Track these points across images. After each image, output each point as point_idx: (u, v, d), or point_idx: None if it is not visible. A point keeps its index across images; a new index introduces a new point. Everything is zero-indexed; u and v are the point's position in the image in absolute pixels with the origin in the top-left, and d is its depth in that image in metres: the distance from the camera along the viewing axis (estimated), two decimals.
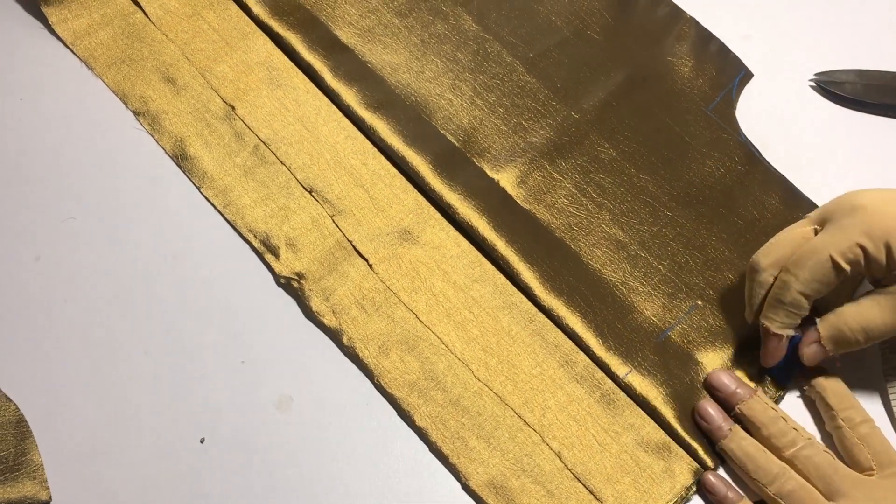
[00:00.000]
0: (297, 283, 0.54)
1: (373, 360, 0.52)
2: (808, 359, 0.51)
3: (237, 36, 0.62)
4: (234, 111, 0.59)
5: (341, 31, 0.64)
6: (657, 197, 0.60)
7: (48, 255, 0.54)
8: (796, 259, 0.50)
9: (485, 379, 0.52)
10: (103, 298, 0.53)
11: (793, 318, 0.51)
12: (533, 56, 0.65)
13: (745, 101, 0.65)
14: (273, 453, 0.50)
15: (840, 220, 0.50)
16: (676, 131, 0.63)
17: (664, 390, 0.53)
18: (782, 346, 0.52)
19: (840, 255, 0.48)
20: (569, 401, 0.52)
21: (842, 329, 0.50)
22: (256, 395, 0.51)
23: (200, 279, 0.54)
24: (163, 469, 0.49)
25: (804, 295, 0.50)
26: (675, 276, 0.57)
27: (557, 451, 0.50)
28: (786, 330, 0.51)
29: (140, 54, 0.60)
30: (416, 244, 0.56)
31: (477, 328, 0.54)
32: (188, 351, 0.52)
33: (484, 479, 0.49)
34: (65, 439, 0.49)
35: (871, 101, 0.65)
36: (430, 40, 0.65)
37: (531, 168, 0.60)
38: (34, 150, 0.57)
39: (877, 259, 0.48)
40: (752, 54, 0.67)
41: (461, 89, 0.63)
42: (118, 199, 0.56)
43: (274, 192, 0.57)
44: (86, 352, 0.51)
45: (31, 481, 0.47)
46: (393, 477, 0.50)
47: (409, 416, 0.51)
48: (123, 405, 0.50)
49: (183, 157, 0.57)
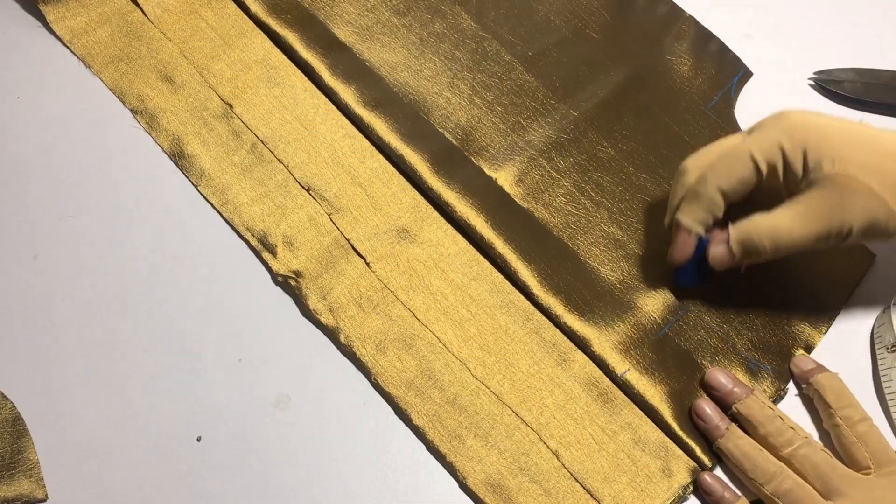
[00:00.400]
0: (294, 282, 0.54)
1: (370, 359, 0.52)
2: (715, 260, 0.52)
3: (235, 34, 0.62)
4: (231, 109, 0.59)
5: (339, 30, 0.64)
6: (655, 195, 0.60)
7: (46, 253, 0.54)
8: (719, 156, 0.51)
9: (482, 377, 0.52)
10: (101, 297, 0.53)
11: (705, 215, 0.52)
12: (532, 55, 0.65)
13: (744, 100, 0.65)
14: (271, 452, 0.50)
15: (765, 125, 0.51)
16: (675, 130, 0.63)
17: (662, 388, 0.53)
18: (690, 242, 0.53)
19: (760, 152, 0.49)
20: (566, 399, 0.52)
21: (751, 234, 0.50)
22: (254, 393, 0.51)
23: (198, 278, 0.54)
24: (160, 468, 0.48)
25: (721, 192, 0.51)
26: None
27: (555, 449, 0.50)
28: (696, 226, 0.52)
29: (138, 52, 0.60)
30: (414, 242, 0.56)
31: (474, 326, 0.54)
32: (185, 349, 0.52)
33: (481, 477, 0.49)
34: (62, 438, 0.49)
35: (870, 99, 0.65)
36: (429, 39, 0.65)
37: (529, 167, 0.60)
38: (32, 149, 0.57)
39: (793, 163, 0.49)
40: (752, 53, 0.67)
41: (459, 88, 0.63)
42: (116, 197, 0.56)
43: (271, 190, 0.57)
44: (83, 350, 0.51)
45: (28, 480, 0.47)
46: (391, 475, 0.50)
47: (406, 414, 0.51)
48: (121, 404, 0.50)
49: (180, 156, 0.57)
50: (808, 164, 0.48)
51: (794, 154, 0.49)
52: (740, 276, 0.55)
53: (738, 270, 0.54)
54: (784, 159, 0.49)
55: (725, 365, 0.54)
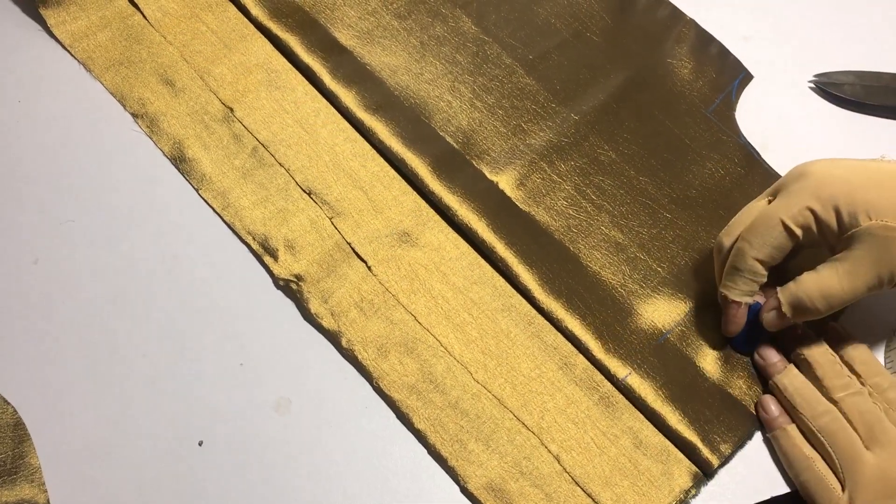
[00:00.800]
0: (295, 286, 0.54)
1: (372, 363, 0.52)
2: (769, 324, 0.52)
3: (236, 38, 0.62)
4: (232, 113, 0.59)
5: (340, 34, 0.64)
6: (656, 199, 0.60)
7: (47, 257, 0.54)
8: (750, 226, 0.51)
9: (483, 381, 0.52)
10: (102, 301, 0.53)
11: (750, 284, 0.52)
12: (532, 58, 0.65)
13: (744, 103, 0.65)
14: (271, 456, 0.50)
15: (790, 187, 0.51)
16: (676, 133, 0.63)
17: (664, 393, 0.53)
18: (741, 313, 0.53)
19: (791, 218, 0.49)
20: (567, 403, 0.52)
21: (801, 296, 0.50)
22: (255, 397, 0.51)
23: (199, 282, 0.54)
24: (161, 472, 0.48)
25: (759, 261, 0.51)
26: (675, 278, 0.57)
27: (556, 453, 0.50)
28: (744, 297, 0.52)
29: (138, 56, 0.60)
30: (416, 246, 0.56)
31: (476, 330, 0.54)
32: (187, 353, 0.52)
33: (482, 481, 0.49)
34: (63, 442, 0.49)
35: (870, 102, 0.65)
36: (430, 42, 0.65)
37: (530, 170, 0.60)
38: (33, 153, 0.57)
39: (827, 222, 0.49)
40: (752, 56, 0.67)
41: (460, 91, 0.63)
42: (117, 201, 0.56)
43: (272, 194, 0.57)
44: (84, 354, 0.51)
45: (29, 484, 0.47)
46: (392, 479, 0.50)
47: (407, 418, 0.51)
48: (122, 408, 0.50)
49: (181, 160, 0.57)
50: (842, 220, 0.48)
51: (827, 213, 0.49)
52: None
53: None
54: (817, 220, 0.49)
55: (729, 371, 0.54)
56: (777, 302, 0.51)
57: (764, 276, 0.52)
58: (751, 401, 0.53)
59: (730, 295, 0.52)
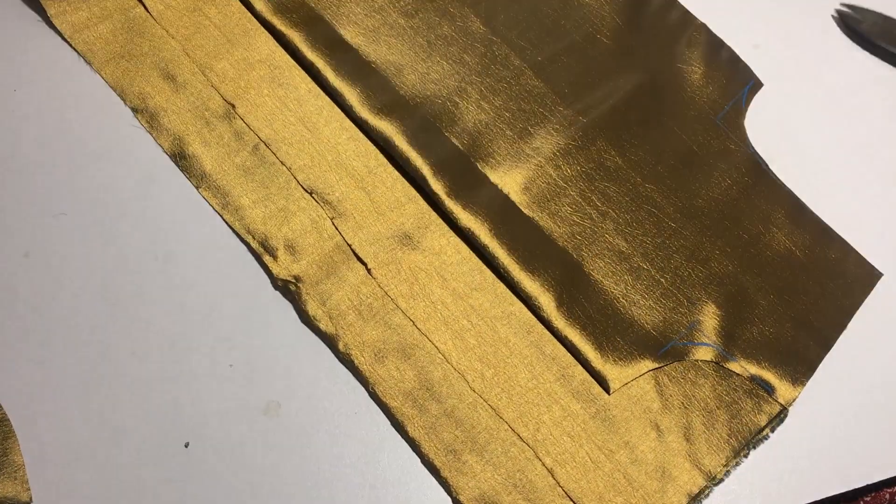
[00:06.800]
0: (294, 287, 0.53)
1: (368, 368, 0.51)
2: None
3: (239, 33, 0.61)
4: (234, 110, 0.58)
5: (345, 30, 0.63)
6: (662, 207, 0.59)
7: (38, 251, 0.53)
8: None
9: (480, 391, 0.51)
10: (92, 297, 0.52)
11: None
12: (541, 60, 0.64)
13: (753, 112, 0.64)
14: (258, 460, 0.49)
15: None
16: (684, 140, 0.62)
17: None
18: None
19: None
20: (564, 416, 0.51)
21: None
22: (244, 400, 0.51)
23: (192, 281, 0.54)
24: (146, 473, 0.48)
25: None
26: (678, 290, 0.56)
27: (550, 467, 0.50)
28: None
29: (140, 50, 0.59)
30: (417, 249, 0.55)
31: (474, 338, 0.53)
32: (177, 353, 0.51)
33: (475, 493, 0.49)
34: (48, 440, 0.48)
35: (883, 44, 0.63)
36: (437, 42, 0.64)
37: (536, 174, 0.59)
38: (27, 144, 0.56)
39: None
40: (762, 64, 0.66)
41: (467, 92, 0.62)
42: (112, 196, 0.55)
43: (273, 193, 0.56)
44: (72, 351, 0.51)
45: (12, 482, 0.46)
46: (380, 488, 0.49)
47: (402, 426, 0.50)
48: (108, 406, 0.49)
49: (181, 156, 0.57)
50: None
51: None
52: (743, 298, 0.54)
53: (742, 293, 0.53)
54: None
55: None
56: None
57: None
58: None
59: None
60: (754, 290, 0.57)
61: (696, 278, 0.57)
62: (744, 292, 0.57)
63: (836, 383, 0.56)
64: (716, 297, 0.56)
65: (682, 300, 0.56)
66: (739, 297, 0.57)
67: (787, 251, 0.59)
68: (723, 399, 0.53)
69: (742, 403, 0.53)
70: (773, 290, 0.57)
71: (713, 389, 0.53)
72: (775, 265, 0.58)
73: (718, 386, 0.54)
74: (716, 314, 0.56)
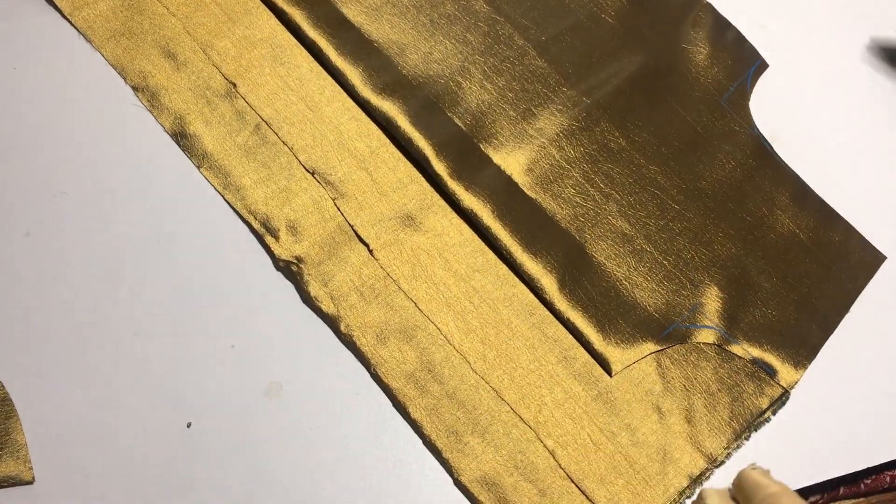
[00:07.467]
0: (296, 268, 0.53)
1: (370, 349, 0.51)
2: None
3: (240, 11, 0.61)
4: (235, 89, 0.58)
5: (348, 9, 0.62)
6: (665, 189, 0.59)
7: (38, 230, 0.53)
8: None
9: (482, 372, 0.51)
10: (93, 277, 0.52)
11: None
12: (545, 39, 0.64)
13: (758, 93, 0.64)
14: (259, 440, 0.49)
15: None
16: (688, 121, 0.62)
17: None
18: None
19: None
20: (566, 398, 0.51)
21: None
22: (247, 380, 0.51)
23: (194, 261, 0.53)
24: (148, 452, 0.48)
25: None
26: (680, 272, 0.56)
27: (551, 449, 0.50)
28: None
29: (140, 27, 0.59)
30: (419, 231, 0.55)
31: (476, 319, 0.53)
32: (178, 333, 0.51)
33: (476, 474, 0.49)
34: (50, 420, 0.48)
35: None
36: (440, 21, 0.63)
37: (539, 155, 0.59)
38: (27, 122, 0.56)
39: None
40: (768, 45, 0.66)
41: (470, 72, 0.61)
42: (112, 175, 0.55)
43: (275, 173, 0.56)
44: (74, 331, 0.50)
45: (15, 461, 0.46)
46: (381, 467, 0.49)
47: (404, 407, 0.50)
48: (110, 386, 0.49)
49: (182, 136, 0.56)
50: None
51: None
52: (746, 281, 0.54)
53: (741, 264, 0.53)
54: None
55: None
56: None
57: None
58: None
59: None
60: (757, 273, 0.57)
61: (699, 261, 0.57)
62: (747, 275, 0.57)
63: (838, 366, 0.56)
64: (718, 280, 0.56)
65: (684, 283, 0.56)
66: (742, 279, 0.56)
67: (791, 234, 0.59)
68: (724, 382, 0.53)
69: (744, 386, 0.53)
70: (776, 272, 0.57)
71: (715, 372, 0.53)
72: (779, 248, 0.58)
73: (720, 368, 0.53)
74: (718, 297, 0.55)
